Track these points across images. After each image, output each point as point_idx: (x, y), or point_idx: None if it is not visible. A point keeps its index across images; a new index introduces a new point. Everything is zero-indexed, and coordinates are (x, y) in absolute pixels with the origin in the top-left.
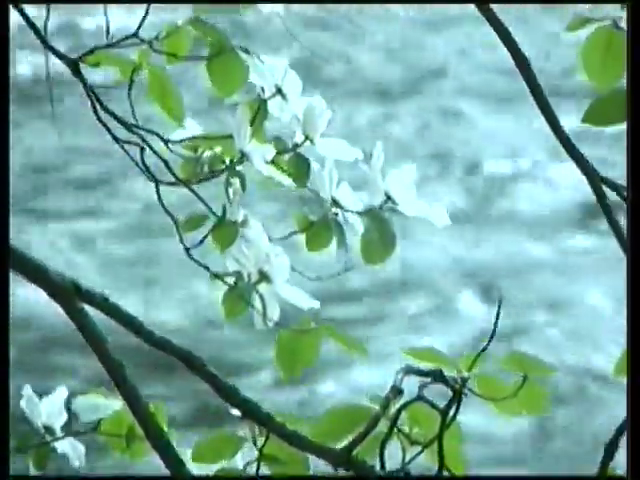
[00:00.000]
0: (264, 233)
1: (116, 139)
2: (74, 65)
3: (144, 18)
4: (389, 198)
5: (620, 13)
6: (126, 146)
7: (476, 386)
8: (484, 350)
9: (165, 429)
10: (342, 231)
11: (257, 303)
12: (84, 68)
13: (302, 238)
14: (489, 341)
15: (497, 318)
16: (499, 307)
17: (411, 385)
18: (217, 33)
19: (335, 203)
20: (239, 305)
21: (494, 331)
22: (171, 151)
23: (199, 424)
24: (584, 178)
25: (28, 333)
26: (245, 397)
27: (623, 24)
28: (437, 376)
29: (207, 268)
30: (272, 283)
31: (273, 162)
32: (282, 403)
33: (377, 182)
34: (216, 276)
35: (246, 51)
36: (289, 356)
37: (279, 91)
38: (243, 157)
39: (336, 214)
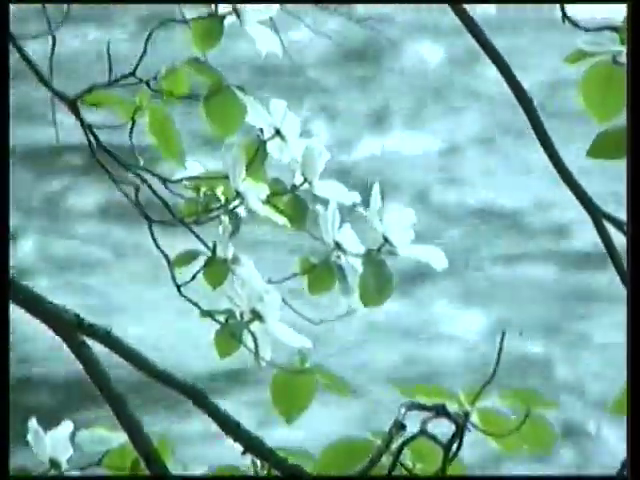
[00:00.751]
0: (256, 271)
1: (113, 179)
2: (72, 104)
3: (142, 56)
4: (387, 241)
5: (619, 47)
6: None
7: (478, 421)
8: (487, 384)
9: (168, 463)
10: (344, 275)
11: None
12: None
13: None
14: (492, 376)
15: (499, 353)
16: (502, 341)
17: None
18: (214, 73)
19: (337, 246)
20: (231, 343)
21: (497, 365)
22: (170, 191)
23: None
24: None
25: None
26: (247, 431)
27: (622, 58)
28: (440, 410)
29: (197, 305)
30: (264, 322)
31: (272, 203)
32: None
33: (375, 225)
34: (207, 314)
35: (242, 89)
36: (286, 398)
37: (278, 133)
38: (238, 196)
39: (338, 256)
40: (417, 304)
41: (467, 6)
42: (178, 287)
